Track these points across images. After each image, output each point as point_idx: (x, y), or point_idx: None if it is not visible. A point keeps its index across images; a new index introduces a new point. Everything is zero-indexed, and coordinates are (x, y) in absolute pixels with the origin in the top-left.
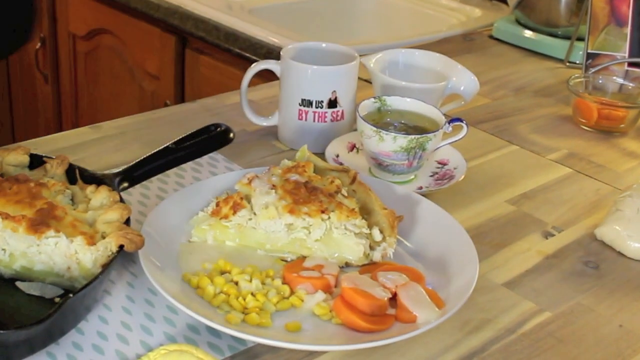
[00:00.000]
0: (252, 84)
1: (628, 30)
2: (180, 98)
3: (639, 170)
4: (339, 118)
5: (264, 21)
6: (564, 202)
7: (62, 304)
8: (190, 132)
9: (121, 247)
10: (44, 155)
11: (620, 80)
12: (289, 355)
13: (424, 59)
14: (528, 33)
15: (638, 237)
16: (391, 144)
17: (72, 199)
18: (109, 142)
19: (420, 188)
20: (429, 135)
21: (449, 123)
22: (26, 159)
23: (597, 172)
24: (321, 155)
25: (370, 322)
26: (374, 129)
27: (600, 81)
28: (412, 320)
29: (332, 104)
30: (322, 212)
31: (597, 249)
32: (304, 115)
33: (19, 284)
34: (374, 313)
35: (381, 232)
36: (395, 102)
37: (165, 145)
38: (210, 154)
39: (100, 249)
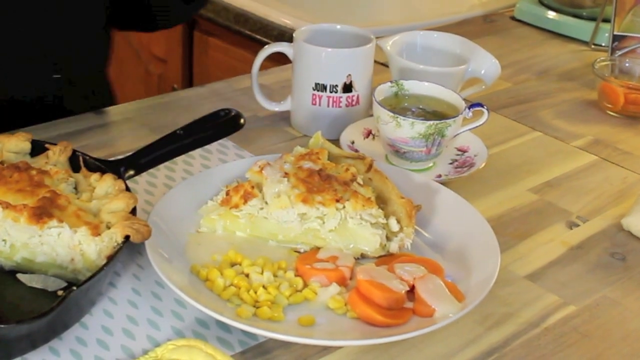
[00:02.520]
0: (263, 67)
1: None
2: (189, 82)
3: None
4: (354, 103)
5: (276, 1)
6: (589, 190)
7: (65, 297)
8: (199, 118)
9: (127, 237)
10: (46, 141)
11: None
12: (302, 350)
13: (443, 41)
14: (551, 14)
15: None
16: (409, 130)
17: (75, 188)
18: (114, 128)
19: (439, 176)
20: (448, 121)
21: (469, 108)
22: (27, 146)
23: (623, 159)
24: (336, 141)
25: (387, 316)
26: (391, 114)
27: (627, 64)
28: (431, 314)
29: (347, 88)
30: (337, 201)
31: (623, 240)
32: (317, 100)
33: (20, 276)
34: (391, 307)
35: (398, 222)
36: (413, 87)
37: (172, 132)
38: (220, 141)
39: (105, 239)
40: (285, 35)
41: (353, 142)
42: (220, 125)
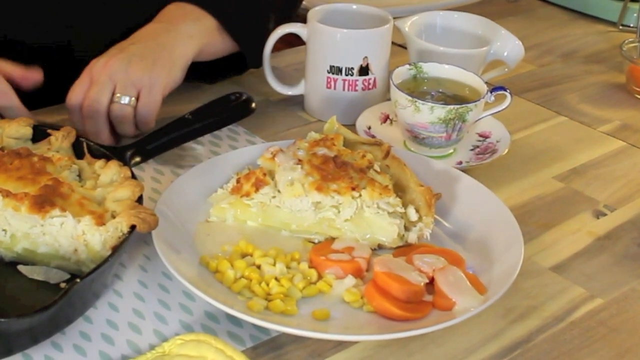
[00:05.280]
0: (276, 49)
1: None
2: None
3: None
4: (370, 86)
5: None
6: (617, 178)
7: (69, 290)
8: (208, 102)
9: (133, 227)
10: (48, 126)
11: None
12: (316, 345)
13: (464, 22)
14: None
15: None
16: (428, 114)
17: (79, 175)
18: None
19: (460, 163)
20: (469, 105)
21: (491, 92)
22: (29, 131)
23: None
24: (351, 127)
25: (405, 309)
26: (410, 98)
27: None
28: (451, 308)
29: (364, 71)
30: (353, 189)
31: None
32: (332, 83)
33: (21, 267)
34: (410, 300)
35: (417, 211)
36: (433, 69)
37: (181, 116)
38: (231, 126)
39: (110, 229)
40: (298, 15)
41: (370, 128)
42: (230, 110)
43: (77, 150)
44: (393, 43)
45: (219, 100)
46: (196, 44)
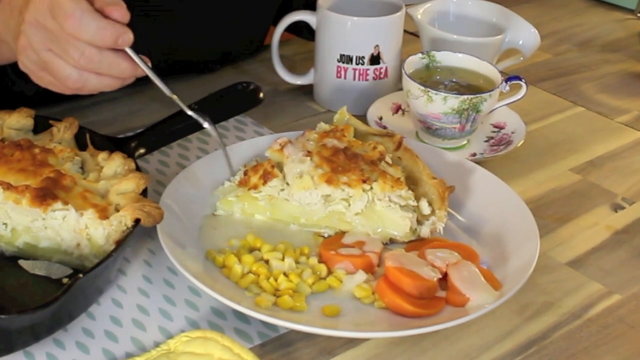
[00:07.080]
0: (284, 37)
1: None
2: None
3: None
4: (382, 76)
5: None
6: (636, 170)
7: (71, 286)
8: (214, 92)
9: (137, 221)
10: (50, 117)
11: None
12: (326, 342)
13: (478, 9)
14: None
15: None
16: (441, 105)
17: (82, 167)
18: (123, 103)
19: (474, 155)
20: (483, 95)
21: (506, 82)
22: (30, 122)
23: None
24: (362, 117)
25: (418, 305)
26: (422, 88)
27: None
28: (465, 304)
29: (375, 60)
30: (364, 181)
31: None
32: (343, 72)
33: (22, 262)
34: (422, 295)
35: (430, 204)
36: (446, 58)
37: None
38: (238, 117)
39: (113, 223)
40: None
41: (381, 118)
42: (237, 100)
43: (80, 142)
44: (405, 31)
45: (226, 90)
46: None
